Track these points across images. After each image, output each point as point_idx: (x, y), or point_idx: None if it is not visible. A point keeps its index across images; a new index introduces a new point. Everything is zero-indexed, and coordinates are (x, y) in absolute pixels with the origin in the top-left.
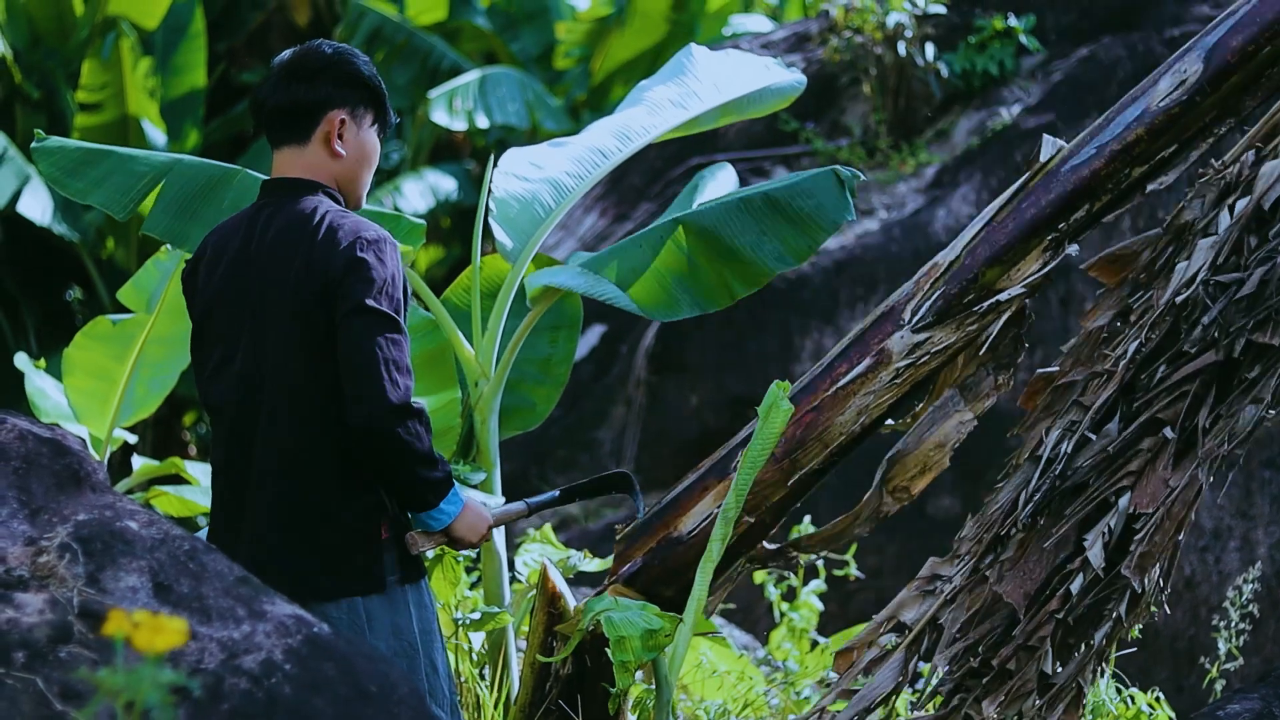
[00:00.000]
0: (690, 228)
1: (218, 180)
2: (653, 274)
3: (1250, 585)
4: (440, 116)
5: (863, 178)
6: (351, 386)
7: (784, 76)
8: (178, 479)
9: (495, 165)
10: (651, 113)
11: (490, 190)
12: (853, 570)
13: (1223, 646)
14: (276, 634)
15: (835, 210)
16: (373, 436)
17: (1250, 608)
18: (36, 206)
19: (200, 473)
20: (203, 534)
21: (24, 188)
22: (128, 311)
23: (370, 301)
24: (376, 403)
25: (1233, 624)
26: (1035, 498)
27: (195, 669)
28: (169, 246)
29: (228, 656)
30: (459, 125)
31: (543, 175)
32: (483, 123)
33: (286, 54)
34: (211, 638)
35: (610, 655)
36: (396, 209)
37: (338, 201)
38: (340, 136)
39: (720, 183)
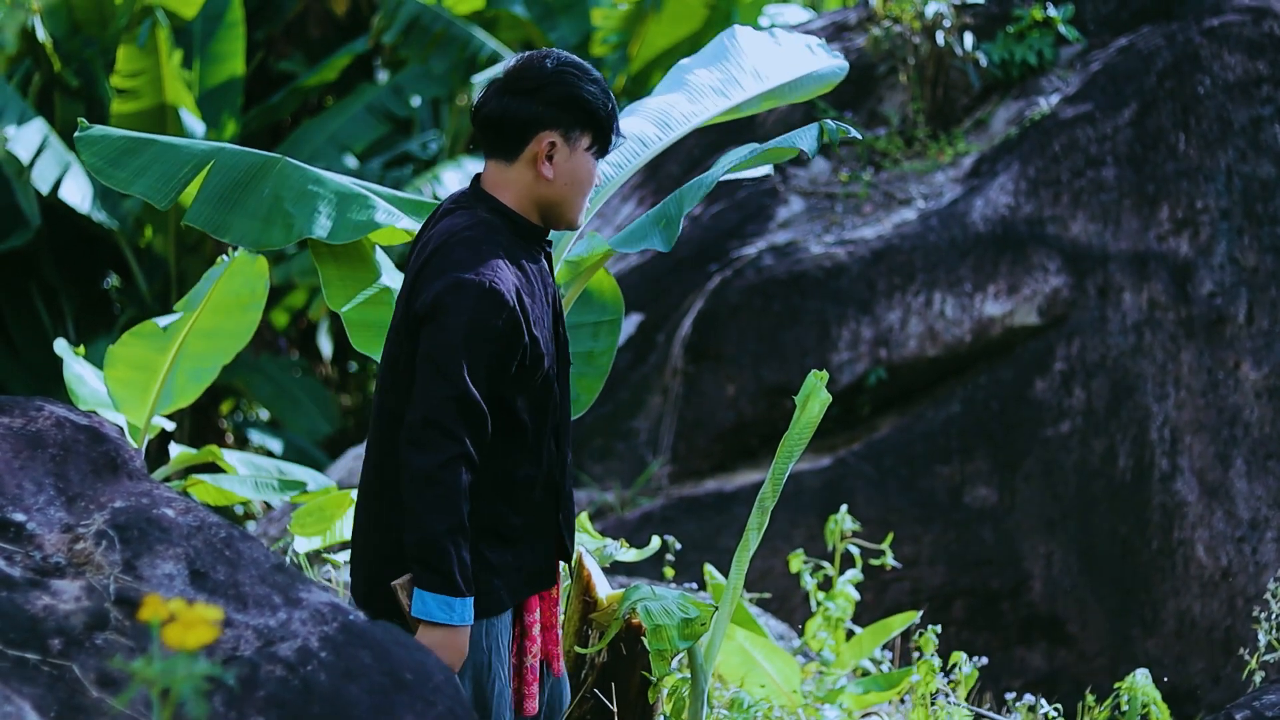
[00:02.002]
0: (685, 187)
1: (259, 169)
2: (640, 226)
3: None
4: None
5: (852, 132)
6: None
7: (827, 62)
8: (215, 467)
9: None
10: (692, 100)
11: None
12: (889, 560)
13: (1263, 638)
14: (312, 621)
15: (805, 143)
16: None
17: None
18: (77, 193)
19: (237, 461)
20: None
21: (65, 175)
22: (168, 304)
23: (436, 353)
24: (403, 456)
25: (1274, 616)
26: None
27: (231, 656)
28: (223, 257)
29: (263, 644)
30: None
31: None
32: None
33: (511, 60)
34: (247, 625)
35: (647, 644)
36: (435, 197)
37: (514, 223)
38: (550, 159)
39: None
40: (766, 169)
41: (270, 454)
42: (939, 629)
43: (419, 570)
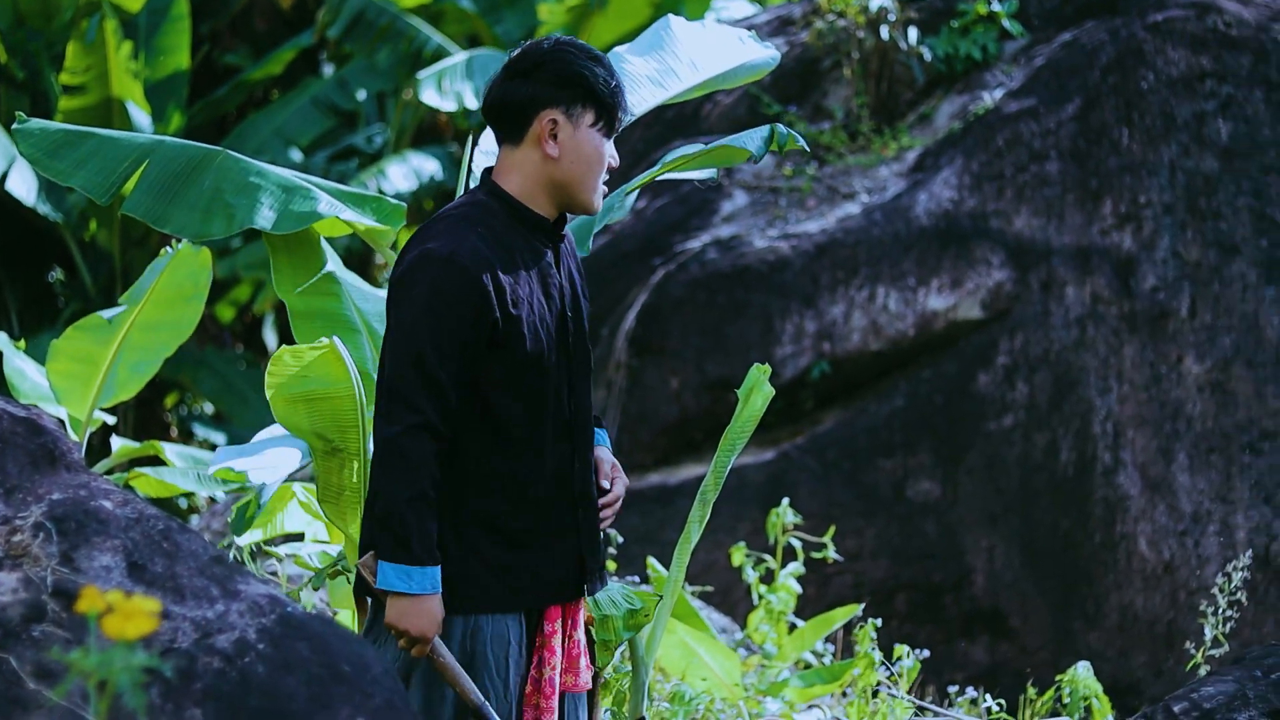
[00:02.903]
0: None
1: (199, 161)
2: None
3: (1240, 573)
4: (430, 97)
5: (800, 141)
6: None
7: (759, 52)
8: (157, 460)
9: (476, 145)
10: (630, 90)
11: (470, 170)
12: (831, 553)
13: (1209, 633)
14: (250, 613)
15: (753, 145)
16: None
17: (1239, 595)
18: (22, 186)
19: (176, 455)
20: None
21: (11, 168)
22: (113, 297)
23: (399, 325)
24: (374, 429)
25: (1220, 610)
26: None
27: (168, 648)
28: (166, 249)
29: (201, 636)
30: (448, 105)
31: None
32: (471, 103)
33: (513, 50)
34: (185, 617)
35: (593, 634)
36: (380, 191)
37: (511, 208)
38: (554, 137)
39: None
40: (711, 173)
41: (214, 448)
42: (879, 623)
43: (381, 539)
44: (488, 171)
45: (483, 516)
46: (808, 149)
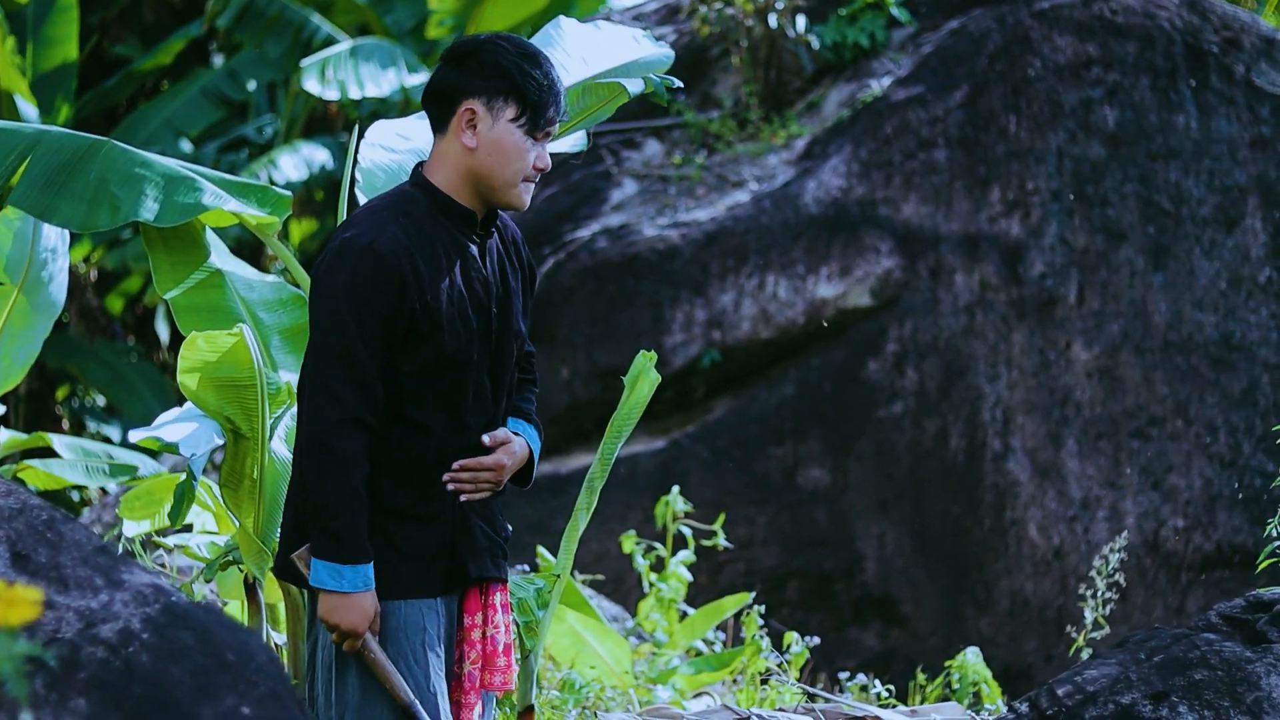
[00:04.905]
0: None
1: (85, 152)
2: None
3: (1117, 555)
4: (312, 85)
5: (674, 82)
6: None
7: (652, 50)
8: (48, 453)
9: (362, 135)
10: None
11: (356, 160)
12: (721, 541)
13: (1089, 616)
14: (135, 603)
15: (632, 87)
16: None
17: (1117, 577)
18: None
19: (65, 447)
20: None
21: None
22: None
23: (320, 315)
24: (299, 424)
25: (1099, 593)
26: None
27: (52, 638)
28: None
29: (85, 626)
30: (331, 94)
31: (410, 146)
32: (355, 93)
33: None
34: (69, 607)
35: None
36: (271, 181)
37: (434, 199)
38: (472, 127)
39: None
40: (581, 143)
41: (108, 440)
42: (763, 609)
43: (313, 537)
44: (420, 163)
45: (395, 504)
46: (679, 84)
